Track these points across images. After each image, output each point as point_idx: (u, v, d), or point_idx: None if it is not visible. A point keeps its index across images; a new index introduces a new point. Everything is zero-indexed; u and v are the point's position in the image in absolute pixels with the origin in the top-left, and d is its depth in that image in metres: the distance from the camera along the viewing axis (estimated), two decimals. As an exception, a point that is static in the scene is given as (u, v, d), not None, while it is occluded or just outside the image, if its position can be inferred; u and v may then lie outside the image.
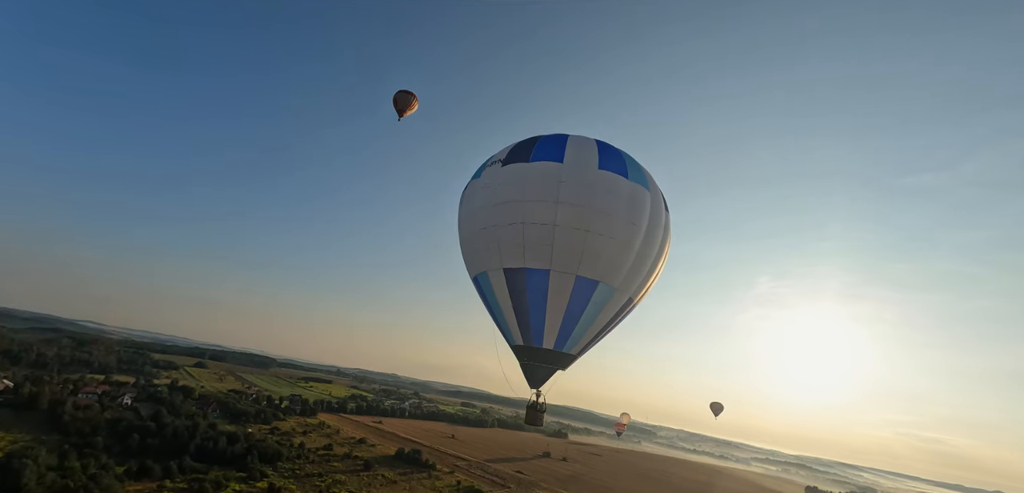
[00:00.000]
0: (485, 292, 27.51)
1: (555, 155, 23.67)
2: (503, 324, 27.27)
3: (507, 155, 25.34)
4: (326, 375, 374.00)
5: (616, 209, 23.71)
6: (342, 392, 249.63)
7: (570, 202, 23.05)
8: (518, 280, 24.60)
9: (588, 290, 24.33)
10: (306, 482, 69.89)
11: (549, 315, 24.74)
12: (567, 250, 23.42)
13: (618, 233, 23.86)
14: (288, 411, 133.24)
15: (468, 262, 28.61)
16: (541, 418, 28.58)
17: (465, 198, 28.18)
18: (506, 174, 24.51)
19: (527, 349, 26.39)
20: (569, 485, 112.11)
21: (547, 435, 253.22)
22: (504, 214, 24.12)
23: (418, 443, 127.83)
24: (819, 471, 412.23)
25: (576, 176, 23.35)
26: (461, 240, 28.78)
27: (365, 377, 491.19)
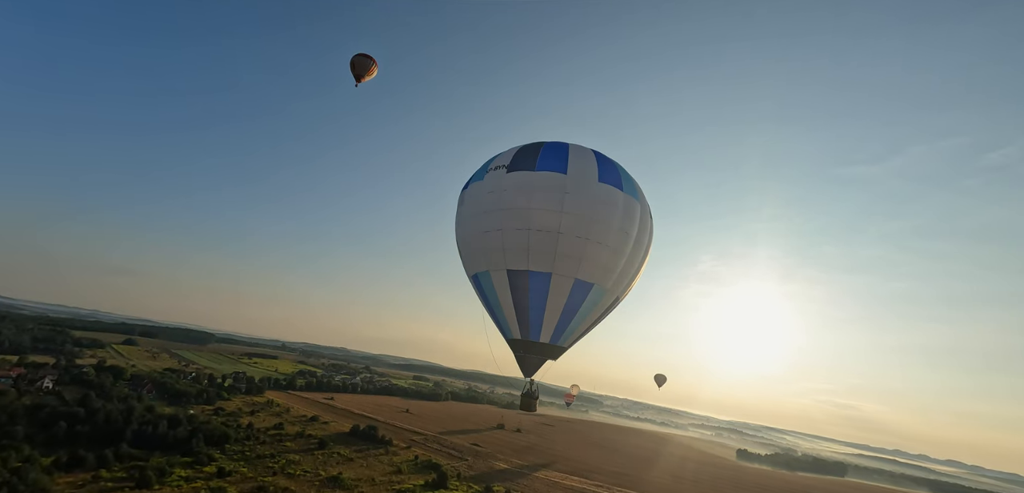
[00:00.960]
0: (485, 290, 28.67)
1: (559, 166, 25.25)
2: (502, 320, 28.63)
3: (511, 161, 26.34)
4: (271, 351, 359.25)
5: (612, 219, 25.93)
6: (289, 368, 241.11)
7: (573, 212, 25.04)
8: (521, 281, 26.30)
9: (584, 291, 26.49)
10: (258, 464, 67.25)
11: (548, 313, 26.70)
12: (568, 255, 25.45)
13: (613, 241, 26.18)
14: (232, 390, 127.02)
15: (468, 260, 29.50)
16: (535, 404, 31.21)
17: (466, 199, 28.76)
18: (512, 180, 25.75)
19: (524, 343, 28.10)
20: (524, 455, 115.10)
21: (500, 407, 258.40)
22: (510, 219, 25.59)
23: (372, 419, 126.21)
24: (748, 435, 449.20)
25: (578, 187, 25.21)
26: (460, 238, 29.64)
27: (313, 352, 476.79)
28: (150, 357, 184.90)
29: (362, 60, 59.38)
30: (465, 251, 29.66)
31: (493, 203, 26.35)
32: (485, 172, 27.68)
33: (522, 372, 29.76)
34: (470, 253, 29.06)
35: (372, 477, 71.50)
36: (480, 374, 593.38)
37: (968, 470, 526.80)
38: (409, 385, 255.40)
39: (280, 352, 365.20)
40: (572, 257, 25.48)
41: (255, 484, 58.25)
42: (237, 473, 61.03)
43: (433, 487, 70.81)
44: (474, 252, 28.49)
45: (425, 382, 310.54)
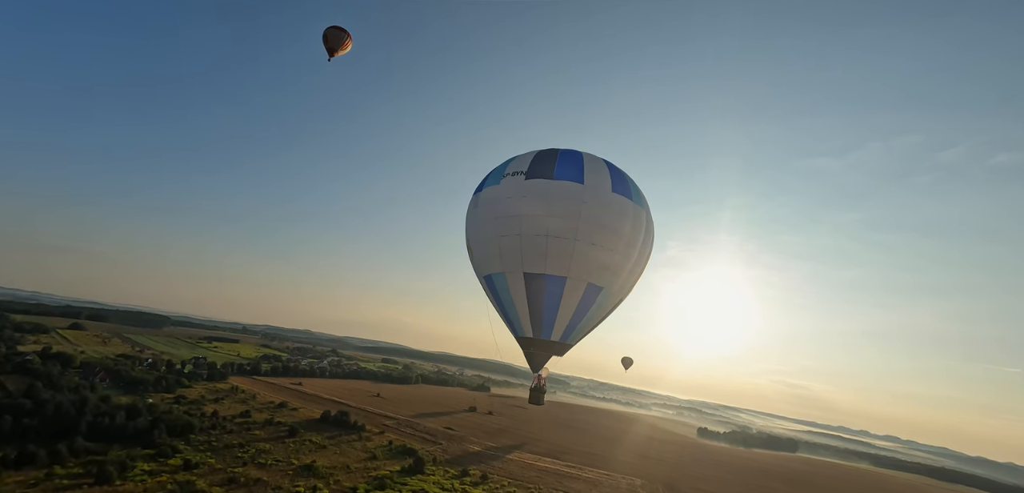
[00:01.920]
0: (498, 290, 29.75)
1: (576, 176, 26.79)
2: (514, 319, 29.77)
3: (529, 168, 27.41)
4: (231, 334, 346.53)
5: (623, 228, 27.77)
6: (252, 352, 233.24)
7: (589, 221, 26.65)
8: (537, 284, 27.62)
9: (594, 294, 28.37)
10: (226, 454, 64.74)
11: (560, 314, 28.29)
12: (583, 261, 27.08)
13: (622, 248, 28.09)
14: (193, 376, 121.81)
15: (481, 261, 30.37)
16: (542, 398, 33.09)
17: (482, 202, 29.55)
18: (531, 188, 26.87)
19: (534, 341, 29.54)
20: (497, 438, 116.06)
21: (470, 389, 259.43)
22: (529, 225, 26.81)
23: (343, 404, 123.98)
24: (707, 413, 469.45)
25: (594, 198, 26.86)
26: (475, 239, 30.56)
27: (276, 335, 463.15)
28: (100, 342, 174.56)
29: (335, 33, 56.81)
30: (479, 252, 30.45)
31: (512, 208, 27.34)
32: (501, 177, 28.53)
33: (531, 368, 31.40)
34: (485, 255, 29.85)
35: (347, 464, 70.27)
36: (448, 356, 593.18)
37: (904, 445, 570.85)
38: (378, 369, 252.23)
39: (241, 335, 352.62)
40: (586, 262, 27.04)
41: (225, 476, 56.09)
42: (205, 465, 58.54)
43: (409, 472, 70.28)
44: (490, 254, 29.31)
45: (394, 365, 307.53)
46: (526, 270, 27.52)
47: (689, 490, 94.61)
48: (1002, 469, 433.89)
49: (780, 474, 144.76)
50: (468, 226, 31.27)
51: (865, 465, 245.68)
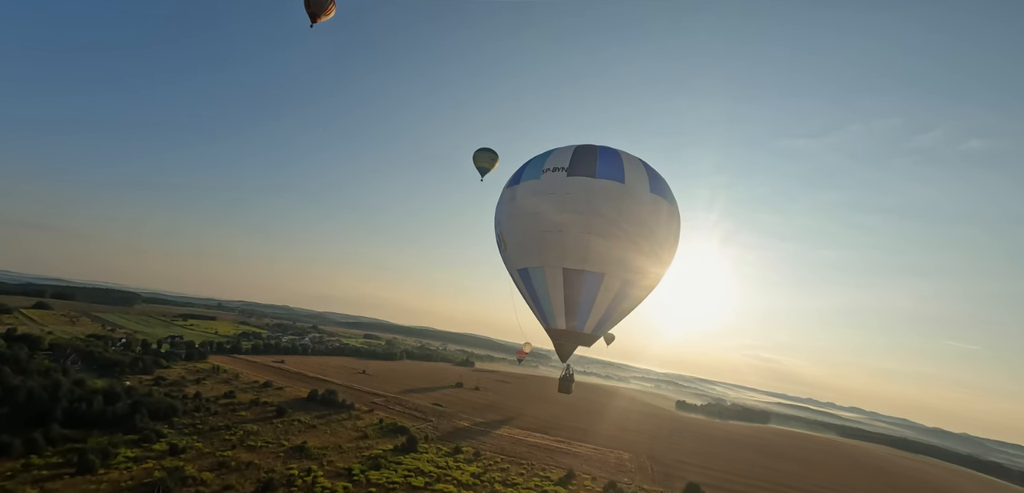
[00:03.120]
0: (534, 283, 29.53)
1: (618, 175, 26.91)
2: (548, 312, 29.58)
3: (571, 165, 27.32)
4: (206, 311, 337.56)
5: (658, 228, 28.24)
6: (230, 329, 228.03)
7: (629, 220, 26.96)
8: (576, 279, 27.62)
9: (628, 290, 28.78)
10: (213, 437, 62.84)
11: (595, 309, 28.44)
12: (621, 258, 27.43)
13: (656, 246, 28.60)
14: (171, 356, 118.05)
15: (517, 255, 30.02)
16: (571, 386, 33.40)
17: (520, 195, 29.20)
18: (573, 185, 26.86)
19: (566, 333, 29.58)
20: (486, 413, 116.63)
21: (454, 364, 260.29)
22: (572, 222, 26.80)
23: (329, 382, 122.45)
24: (684, 386, 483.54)
25: (635, 198, 27.02)
26: (511, 232, 30.15)
27: (253, 311, 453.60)
28: (69, 322, 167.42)
29: None
30: (515, 245, 30.08)
31: (555, 205, 27.32)
32: (541, 171, 28.34)
33: (560, 357, 31.58)
34: (522, 248, 29.59)
35: (338, 444, 69.29)
36: (430, 331, 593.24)
37: (867, 416, 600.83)
38: (361, 345, 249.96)
39: (217, 312, 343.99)
40: (624, 260, 27.56)
41: (214, 460, 54.39)
42: (191, 449, 56.64)
43: (403, 451, 69.78)
44: (528, 249, 29.14)
45: (377, 341, 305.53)
46: (566, 266, 27.55)
47: (672, 462, 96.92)
48: (956, 439, 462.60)
49: (754, 445, 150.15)
50: (503, 218, 30.73)
51: (831, 436, 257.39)
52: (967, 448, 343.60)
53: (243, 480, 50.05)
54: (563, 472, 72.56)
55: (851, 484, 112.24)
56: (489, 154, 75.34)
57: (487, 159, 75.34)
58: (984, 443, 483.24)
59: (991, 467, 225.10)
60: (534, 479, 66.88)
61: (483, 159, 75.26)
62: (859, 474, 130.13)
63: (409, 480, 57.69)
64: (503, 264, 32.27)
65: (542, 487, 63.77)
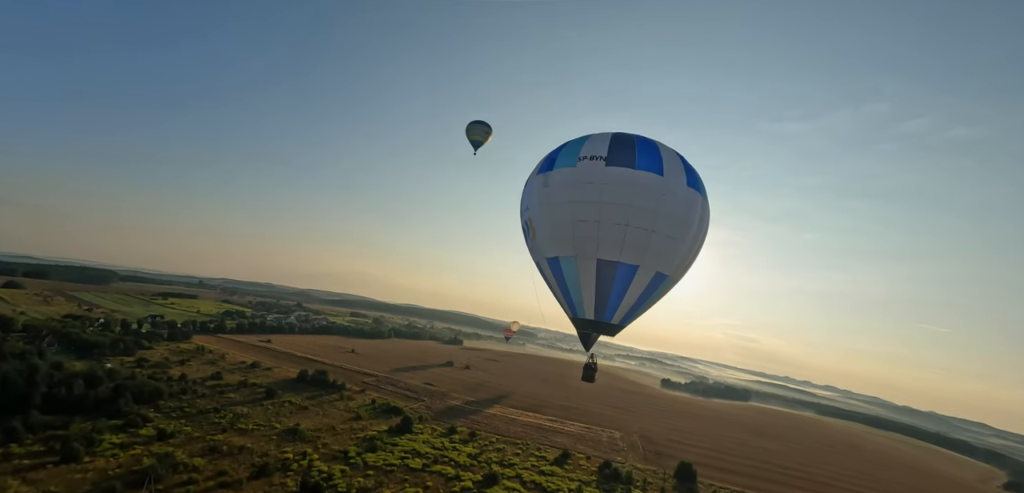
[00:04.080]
0: (564, 273, 28.99)
1: (656, 167, 26.71)
2: (577, 302, 29.15)
3: (608, 153, 26.81)
4: (187, 289, 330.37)
5: (693, 221, 28.20)
6: (213, 308, 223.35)
7: (667, 214, 26.83)
8: (610, 271, 27.41)
9: (659, 282, 28.68)
10: (201, 421, 61.04)
11: (625, 300, 28.34)
12: (656, 251, 27.28)
13: (690, 239, 28.60)
14: (153, 337, 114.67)
15: (546, 243, 29.32)
16: (594, 375, 33.79)
17: (554, 182, 28.40)
18: (611, 175, 26.45)
19: (593, 323, 29.35)
20: (477, 392, 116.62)
21: (442, 342, 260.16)
22: (610, 213, 26.48)
23: (319, 361, 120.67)
24: (666, 364, 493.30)
25: (672, 192, 26.94)
26: (540, 221, 29.37)
27: (235, 289, 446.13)
28: (42, 302, 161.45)
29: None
30: (546, 234, 29.32)
31: (593, 194, 26.83)
32: (577, 159, 27.70)
33: (584, 346, 31.51)
34: (554, 237, 28.87)
35: (332, 426, 68.13)
36: (416, 308, 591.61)
37: (841, 394, 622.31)
38: (348, 323, 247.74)
39: (198, 290, 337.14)
40: (659, 253, 27.51)
41: (205, 444, 52.81)
42: (181, 434, 54.88)
43: (398, 432, 68.98)
44: (561, 237, 28.51)
45: (364, 319, 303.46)
46: (601, 257, 27.25)
47: (663, 441, 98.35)
48: (924, 417, 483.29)
49: (740, 423, 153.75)
50: (533, 205, 29.85)
51: (808, 413, 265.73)
52: (935, 426, 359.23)
53: (237, 465, 48.70)
54: (558, 452, 72.78)
55: (830, 461, 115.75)
56: (483, 127, 73.33)
57: (481, 132, 73.33)
58: (951, 421, 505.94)
59: (958, 444, 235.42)
60: (530, 459, 66.90)
61: (477, 132, 73.22)
62: (836, 452, 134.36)
63: (406, 462, 57.03)
64: (528, 251, 31.58)
65: (539, 467, 63.80)
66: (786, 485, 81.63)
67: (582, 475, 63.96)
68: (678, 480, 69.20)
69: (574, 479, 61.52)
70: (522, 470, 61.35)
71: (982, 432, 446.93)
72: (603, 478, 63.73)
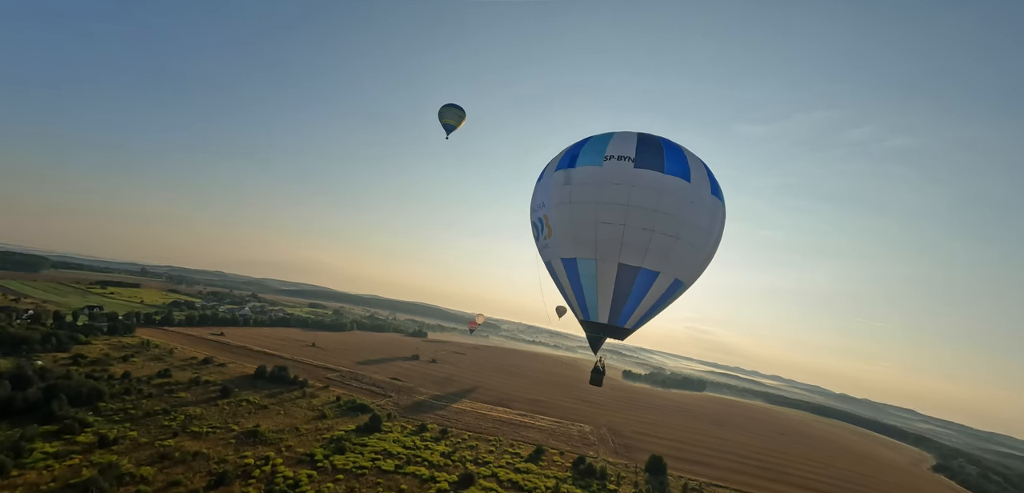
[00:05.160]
0: (581, 275, 27.57)
1: (684, 173, 25.90)
2: (591, 305, 27.87)
3: (637, 155, 25.63)
4: (128, 277, 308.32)
5: (714, 228, 27.78)
6: (158, 298, 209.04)
7: (693, 222, 26.22)
8: (630, 276, 26.41)
9: (676, 288, 28.06)
10: (149, 424, 56.01)
11: (641, 305, 27.38)
12: (678, 258, 26.53)
13: (708, 247, 28.08)
14: (91, 330, 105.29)
15: (563, 243, 27.71)
16: (602, 379, 32.89)
17: (576, 180, 26.75)
18: (641, 178, 25.35)
19: (605, 327, 28.17)
20: (445, 387, 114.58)
21: (407, 335, 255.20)
22: (636, 217, 25.45)
23: (277, 356, 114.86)
24: (627, 356, 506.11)
25: (699, 200, 26.34)
26: (558, 219, 27.59)
27: (182, 277, 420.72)
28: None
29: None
30: (564, 234, 27.63)
31: (620, 196, 25.64)
32: (602, 158, 26.34)
33: (592, 349, 30.43)
34: (573, 237, 27.27)
35: (295, 426, 64.44)
36: (377, 299, 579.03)
37: (786, 383, 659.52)
38: (307, 314, 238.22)
39: (141, 279, 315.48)
40: (681, 260, 26.87)
41: (154, 451, 48.30)
42: (126, 440, 50.02)
43: (366, 431, 66.16)
44: (581, 238, 26.98)
45: (323, 310, 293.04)
46: (622, 261, 26.14)
47: (630, 434, 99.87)
48: (859, 404, 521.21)
49: (699, 414, 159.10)
50: (551, 202, 28.08)
51: (759, 402, 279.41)
52: (870, 413, 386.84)
53: (191, 474, 44.80)
54: (532, 448, 72.11)
55: (783, 450, 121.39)
56: (456, 111, 70.30)
57: (454, 116, 70.31)
58: (883, 408, 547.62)
59: (891, 430, 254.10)
60: (505, 457, 65.80)
61: (449, 115, 70.15)
62: (788, 440, 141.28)
63: (378, 464, 54.55)
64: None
65: (514, 464, 62.81)
66: (748, 474, 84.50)
67: (557, 472, 63.50)
68: (649, 474, 70.09)
69: (550, 476, 60.93)
70: (497, 468, 60.14)
71: (910, 418, 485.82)
72: (578, 474, 63.53)
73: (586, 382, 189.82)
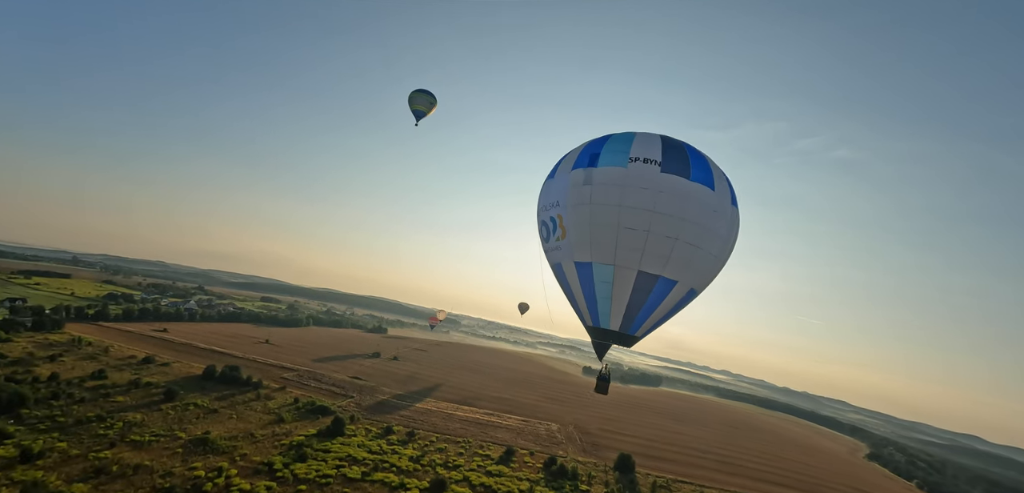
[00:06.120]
0: (595, 281, 26.28)
1: (709, 181, 25.29)
2: (604, 311, 26.68)
3: (663, 160, 24.62)
4: (57, 266, 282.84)
5: (731, 237, 27.53)
6: (91, 290, 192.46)
7: (715, 232, 25.75)
8: (648, 284, 25.51)
9: (690, 297, 27.52)
10: (82, 434, 50.41)
11: (655, 314, 26.55)
12: (697, 268, 25.93)
13: (724, 256, 27.85)
14: (12, 325, 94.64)
15: (579, 246, 26.29)
16: (608, 387, 32.34)
17: (597, 181, 25.30)
18: (668, 184, 24.51)
19: (614, 334, 27.23)
20: (408, 385, 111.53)
21: (366, 331, 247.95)
22: (661, 224, 24.58)
23: (228, 354, 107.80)
24: (585, 351, 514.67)
25: (723, 209, 25.98)
26: (573, 220, 26.11)
27: (119, 267, 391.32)
28: None
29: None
30: (582, 236, 26.01)
31: (646, 201, 24.50)
32: (627, 159, 25.05)
33: (598, 355, 29.78)
34: (590, 241, 25.80)
35: (250, 431, 60.15)
36: (334, 293, 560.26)
37: (734, 378, 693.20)
38: (260, 309, 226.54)
39: (72, 268, 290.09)
40: (700, 269, 26.39)
41: (88, 465, 43.33)
42: (54, 452, 44.63)
43: (329, 435, 62.73)
44: (601, 242, 25.58)
45: (277, 304, 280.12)
46: (643, 269, 25.04)
47: (596, 431, 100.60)
48: (799, 396, 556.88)
49: (658, 409, 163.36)
50: (567, 202, 26.43)
51: (711, 397, 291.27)
52: (809, 405, 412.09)
53: (131, 489, 40.47)
54: (502, 449, 70.86)
55: (738, 444, 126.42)
56: (427, 97, 68.17)
57: (424, 102, 68.21)
58: (820, 400, 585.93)
59: (829, 421, 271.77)
60: (475, 459, 64.17)
61: (420, 101, 67.99)
62: (741, 434, 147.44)
63: (343, 471, 51.57)
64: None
65: (485, 467, 61.34)
66: (708, 469, 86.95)
67: (529, 473, 62.57)
68: (619, 472, 70.47)
69: (523, 478, 59.90)
70: (469, 472, 58.46)
71: (844, 408, 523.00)
72: (550, 475, 62.86)
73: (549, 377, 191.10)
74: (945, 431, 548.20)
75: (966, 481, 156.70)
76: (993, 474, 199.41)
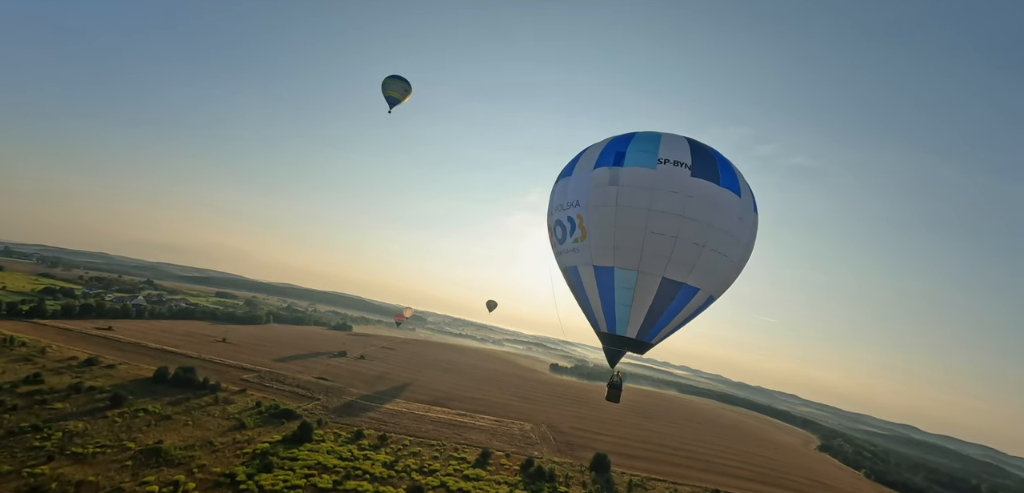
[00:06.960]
0: (615, 286, 24.91)
1: (736, 187, 24.74)
2: (620, 318, 25.51)
3: (693, 165, 23.67)
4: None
5: (751, 246, 27.07)
6: (25, 283, 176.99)
7: (738, 239, 25.15)
8: (672, 290, 24.61)
9: (707, 303, 26.73)
10: (14, 446, 45.20)
11: (674, 321, 25.86)
12: (720, 275, 25.36)
13: (744, 263, 27.41)
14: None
15: (601, 250, 24.77)
16: (619, 395, 31.40)
17: (624, 181, 23.89)
18: (698, 189, 23.65)
19: (630, 341, 26.31)
20: (376, 385, 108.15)
21: (329, 328, 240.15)
22: (689, 230, 23.58)
23: (181, 354, 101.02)
24: (552, 349, 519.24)
25: (748, 216, 25.54)
26: (595, 222, 24.55)
27: (57, 259, 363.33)
28: None
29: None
30: (606, 239, 24.47)
31: (676, 206, 23.44)
32: (656, 161, 23.85)
33: (609, 362, 28.76)
34: (615, 244, 24.37)
35: (208, 439, 56.02)
36: (294, 289, 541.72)
37: (693, 373, 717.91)
38: (215, 305, 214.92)
39: (4, 260, 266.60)
40: (723, 276, 25.84)
41: (22, 482, 38.73)
42: (-19, 468, 39.75)
43: (296, 441, 59.37)
44: (626, 246, 24.22)
45: (234, 300, 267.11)
46: (668, 276, 23.99)
47: (569, 430, 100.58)
48: (754, 391, 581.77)
49: (631, 408, 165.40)
50: (590, 203, 24.84)
51: (673, 392, 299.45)
52: (763, 399, 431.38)
53: (75, 508, 36.44)
54: (477, 451, 69.30)
55: (702, 439, 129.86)
56: (401, 83, 66.57)
57: (399, 89, 66.66)
58: (773, 394, 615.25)
59: (782, 414, 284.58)
60: (451, 463, 62.33)
61: (394, 88, 66.40)
62: (704, 429, 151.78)
63: (313, 481, 48.67)
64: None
65: (462, 471, 59.68)
66: (679, 466, 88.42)
67: (506, 476, 61.33)
68: (595, 472, 70.32)
69: (501, 481, 58.60)
70: (446, 477, 56.63)
71: (795, 402, 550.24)
72: (528, 478, 61.86)
73: (519, 375, 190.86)
74: (886, 422, 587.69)
75: (908, 469, 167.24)
76: (930, 462, 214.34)
